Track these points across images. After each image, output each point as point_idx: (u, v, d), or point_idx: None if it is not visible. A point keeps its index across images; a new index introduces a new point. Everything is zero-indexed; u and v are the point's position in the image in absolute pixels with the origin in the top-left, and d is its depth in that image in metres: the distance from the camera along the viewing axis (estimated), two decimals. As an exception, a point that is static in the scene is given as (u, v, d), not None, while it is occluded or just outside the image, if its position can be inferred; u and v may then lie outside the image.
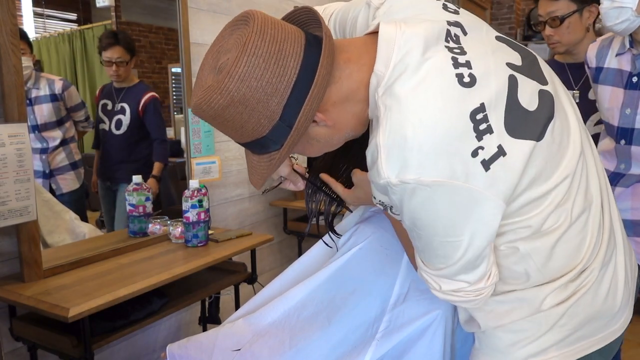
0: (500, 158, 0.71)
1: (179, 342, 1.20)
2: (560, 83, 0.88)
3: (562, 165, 0.78)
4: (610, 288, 0.87)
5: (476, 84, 0.72)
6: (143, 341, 2.12)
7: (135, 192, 1.95)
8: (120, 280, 1.59)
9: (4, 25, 1.48)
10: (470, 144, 0.70)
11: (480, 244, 0.75)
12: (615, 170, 1.64)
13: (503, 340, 0.88)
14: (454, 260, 0.77)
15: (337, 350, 1.03)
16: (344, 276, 1.06)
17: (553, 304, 0.84)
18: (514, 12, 5.70)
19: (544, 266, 0.82)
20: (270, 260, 2.84)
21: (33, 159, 1.56)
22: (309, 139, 0.82)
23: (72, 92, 1.98)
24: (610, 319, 0.89)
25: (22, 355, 1.68)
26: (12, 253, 1.63)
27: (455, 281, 0.80)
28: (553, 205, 0.78)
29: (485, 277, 0.80)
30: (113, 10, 2.16)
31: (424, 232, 0.76)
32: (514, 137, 0.72)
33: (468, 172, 0.69)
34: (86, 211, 2.08)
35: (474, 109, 0.71)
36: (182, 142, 2.27)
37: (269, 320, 1.11)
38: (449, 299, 0.83)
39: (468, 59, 0.75)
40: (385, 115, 0.73)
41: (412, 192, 0.71)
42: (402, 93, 0.72)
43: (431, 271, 0.81)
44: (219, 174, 2.28)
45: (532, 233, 0.80)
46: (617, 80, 1.59)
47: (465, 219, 0.73)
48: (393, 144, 0.70)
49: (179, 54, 2.15)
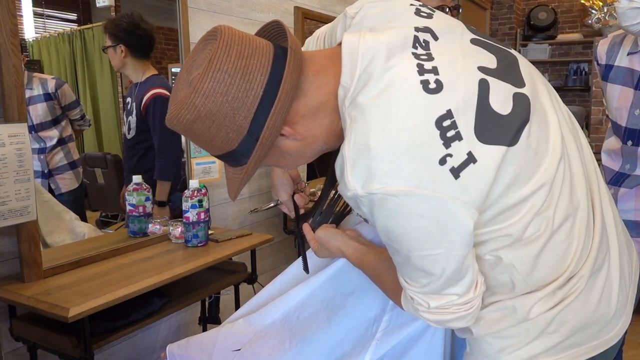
0: (471, 165, 0.69)
1: (178, 342, 1.20)
2: (544, 83, 0.86)
3: (539, 172, 0.76)
4: (603, 294, 0.85)
5: (443, 90, 0.71)
6: (143, 341, 2.12)
7: (135, 192, 1.95)
8: (120, 280, 1.58)
9: (4, 25, 1.48)
10: (437, 152, 0.68)
11: (460, 254, 0.74)
12: (620, 170, 1.60)
13: (492, 346, 0.87)
14: (437, 274, 0.75)
15: (337, 350, 1.03)
16: (343, 276, 1.06)
17: (540, 311, 0.82)
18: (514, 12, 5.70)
19: (528, 275, 0.81)
20: (270, 260, 2.84)
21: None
22: (281, 152, 0.82)
23: (66, 90, 1.96)
24: (604, 326, 0.87)
25: (22, 355, 1.68)
26: (12, 253, 1.63)
27: (443, 296, 0.78)
28: (532, 212, 0.76)
29: (472, 287, 0.78)
30: (113, 10, 2.16)
31: (399, 246, 0.74)
32: (485, 143, 0.71)
33: (436, 180, 0.68)
34: (85, 211, 2.08)
35: (440, 116, 0.70)
36: (182, 142, 2.27)
37: (269, 320, 1.11)
38: (439, 319, 0.80)
39: (435, 65, 0.74)
40: (350, 126, 0.73)
41: (380, 203, 0.69)
42: (365, 103, 0.72)
43: (417, 289, 0.79)
44: (219, 174, 2.28)
45: (514, 241, 0.78)
46: (627, 80, 1.56)
47: (439, 230, 0.71)
48: (358, 155, 0.70)
49: (179, 54, 2.15)
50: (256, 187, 2.69)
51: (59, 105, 1.93)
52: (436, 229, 0.71)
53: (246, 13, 2.54)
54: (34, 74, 1.90)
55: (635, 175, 1.58)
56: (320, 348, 1.04)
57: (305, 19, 2.70)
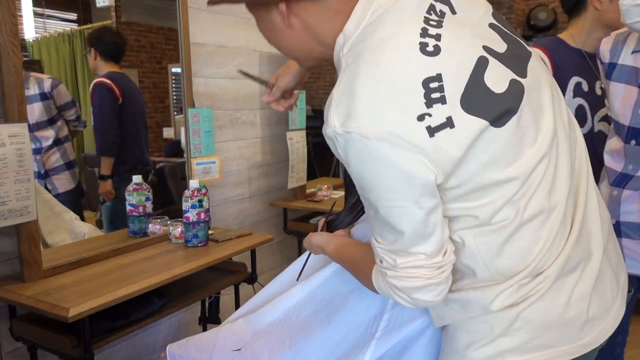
0: (447, 129, 0.71)
1: (178, 342, 1.20)
2: (552, 85, 0.87)
3: (519, 161, 0.77)
4: (572, 297, 0.84)
5: (439, 55, 0.74)
6: (143, 341, 2.12)
7: (135, 192, 1.95)
8: (120, 280, 1.58)
9: (4, 25, 1.48)
10: (418, 108, 0.71)
11: (426, 207, 0.75)
12: (622, 171, 1.59)
13: (461, 341, 0.87)
14: (403, 230, 0.76)
15: (337, 350, 1.03)
16: (344, 276, 1.06)
17: (503, 305, 0.82)
18: (514, 12, 5.70)
19: (491, 263, 0.81)
20: (270, 260, 2.84)
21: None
22: (267, 18, 0.87)
23: (62, 90, 1.96)
24: (576, 332, 0.86)
25: (22, 355, 1.68)
26: (12, 253, 1.63)
27: (411, 254, 0.79)
28: (504, 199, 0.78)
29: (441, 250, 0.79)
30: (113, 10, 2.16)
31: (370, 195, 0.77)
32: (468, 113, 0.73)
33: (410, 133, 0.70)
34: (83, 211, 2.07)
35: (429, 77, 0.72)
36: (182, 142, 2.27)
37: (269, 319, 1.11)
38: (407, 285, 0.80)
39: (440, 33, 0.76)
40: (344, 70, 0.77)
41: (354, 143, 0.72)
42: (362, 52, 0.76)
43: (385, 246, 0.80)
44: (219, 174, 2.28)
45: (480, 224, 0.79)
46: (631, 79, 1.54)
47: (406, 182, 0.73)
48: (343, 95, 0.74)
49: (179, 54, 2.15)
50: (256, 187, 2.69)
51: (54, 105, 1.93)
52: (403, 180, 0.73)
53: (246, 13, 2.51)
54: (31, 74, 1.89)
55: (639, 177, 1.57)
56: (320, 347, 1.04)
57: (305, 19, 2.70)
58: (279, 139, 2.77)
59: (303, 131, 2.74)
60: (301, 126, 2.73)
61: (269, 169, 2.77)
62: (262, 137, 2.70)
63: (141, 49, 2.30)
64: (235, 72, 2.49)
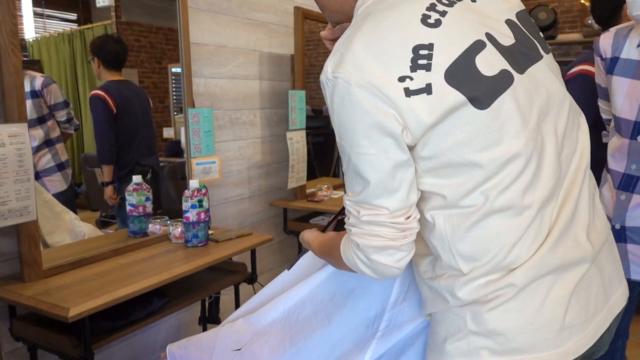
0: (424, 94, 0.76)
1: (178, 342, 1.20)
2: (555, 93, 0.87)
3: (496, 149, 0.79)
4: (546, 301, 0.83)
5: (437, 28, 0.79)
6: (143, 341, 2.12)
7: (135, 192, 1.95)
8: (120, 280, 1.59)
9: (4, 25, 1.48)
10: (401, 70, 0.77)
11: (393, 158, 0.79)
12: (626, 172, 1.53)
13: (440, 335, 0.89)
14: (370, 177, 0.80)
15: (338, 349, 1.03)
16: (343, 275, 1.06)
17: (470, 298, 0.83)
18: (514, 12, 5.70)
19: (454, 246, 0.83)
20: (270, 260, 2.84)
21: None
22: None
23: (53, 90, 1.94)
24: (552, 338, 0.84)
25: (22, 355, 1.68)
26: (12, 253, 1.63)
27: (374, 207, 0.81)
28: (474, 182, 0.80)
29: (405, 212, 0.82)
30: (113, 10, 2.15)
31: (345, 142, 0.82)
32: (448, 84, 0.77)
33: (388, 88, 0.76)
34: (77, 212, 2.04)
35: (420, 44, 0.78)
36: (182, 142, 2.27)
37: (269, 319, 1.11)
38: (368, 243, 0.82)
39: (447, 10, 0.82)
40: (351, 26, 0.85)
41: (338, 87, 0.78)
42: (370, 13, 0.83)
43: (352, 197, 0.85)
44: (219, 174, 2.28)
45: (449, 205, 0.82)
46: (637, 72, 1.51)
47: (378, 130, 0.78)
48: (341, 45, 0.81)
49: (179, 54, 2.15)
50: (256, 187, 2.69)
51: (45, 104, 1.91)
52: (375, 128, 0.78)
53: (246, 13, 2.54)
54: (27, 72, 1.88)
55: None
56: (320, 347, 1.04)
57: (305, 19, 2.70)
58: (279, 139, 2.77)
59: (303, 131, 2.74)
60: (301, 126, 2.73)
61: (268, 169, 2.77)
62: (262, 137, 2.70)
63: (141, 49, 2.29)
64: (235, 72, 2.49)
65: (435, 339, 0.91)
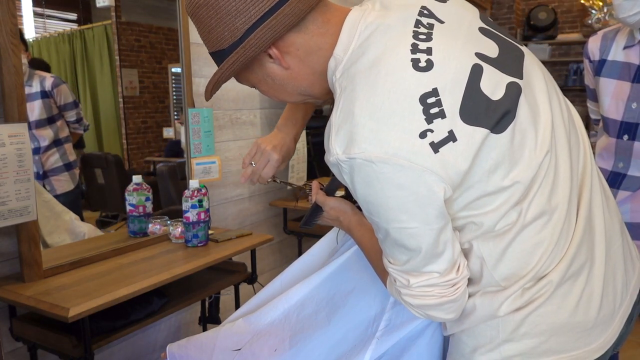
0: (450, 143, 0.71)
1: (179, 342, 1.20)
2: (547, 81, 0.86)
3: (521, 164, 0.77)
4: (580, 301, 0.83)
5: (432, 69, 0.73)
6: (143, 341, 2.12)
7: (135, 192, 1.95)
8: (120, 280, 1.59)
9: (4, 25, 1.48)
10: (419, 126, 0.71)
11: (436, 226, 0.75)
12: (613, 170, 1.60)
13: (468, 345, 0.87)
14: (415, 249, 0.76)
15: (337, 349, 1.03)
16: (343, 275, 1.06)
17: (509, 310, 0.82)
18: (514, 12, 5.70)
19: (494, 268, 0.81)
20: (270, 260, 2.84)
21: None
22: (264, 73, 0.86)
23: (63, 90, 1.95)
24: (585, 336, 0.85)
25: (22, 355, 1.68)
26: (12, 253, 1.63)
27: (424, 273, 0.79)
28: (509, 204, 0.77)
29: (454, 267, 0.79)
30: (113, 10, 2.16)
31: (379, 218, 0.76)
32: (468, 124, 0.72)
33: (414, 151, 0.70)
34: (82, 213, 2.06)
35: (425, 93, 0.72)
36: (182, 142, 2.27)
37: (268, 319, 1.11)
38: (421, 303, 0.81)
39: (430, 46, 0.76)
40: (340, 95, 0.77)
41: (359, 169, 0.72)
42: (356, 74, 0.75)
43: (397, 267, 0.81)
44: (219, 174, 2.28)
45: (485, 232, 0.79)
46: (623, 74, 1.56)
47: (415, 202, 0.73)
48: (342, 121, 0.73)
49: (179, 54, 2.15)
50: (256, 187, 2.69)
51: (55, 105, 1.92)
52: (412, 200, 0.72)
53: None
54: (36, 72, 1.89)
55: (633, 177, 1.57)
56: (320, 347, 1.04)
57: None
58: (279, 139, 2.76)
59: (303, 131, 2.74)
60: (301, 126, 2.73)
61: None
62: (262, 137, 2.70)
63: (141, 49, 2.30)
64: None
65: (462, 349, 0.88)
